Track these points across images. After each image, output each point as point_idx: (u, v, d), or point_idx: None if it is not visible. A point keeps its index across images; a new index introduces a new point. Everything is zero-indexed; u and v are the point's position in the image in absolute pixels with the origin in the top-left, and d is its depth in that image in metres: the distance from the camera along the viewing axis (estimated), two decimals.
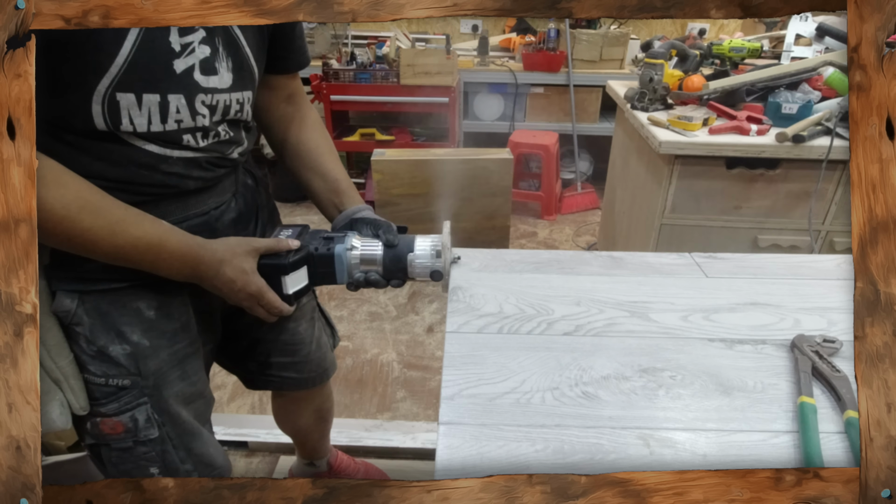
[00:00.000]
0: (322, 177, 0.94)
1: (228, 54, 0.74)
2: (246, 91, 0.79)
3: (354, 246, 0.81)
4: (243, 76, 0.78)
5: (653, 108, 1.78)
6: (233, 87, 0.76)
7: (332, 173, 0.94)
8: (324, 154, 0.95)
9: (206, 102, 0.73)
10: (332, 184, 0.93)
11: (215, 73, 0.73)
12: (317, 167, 0.95)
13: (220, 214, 0.84)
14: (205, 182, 0.80)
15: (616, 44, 3.07)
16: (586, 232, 3.10)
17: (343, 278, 0.81)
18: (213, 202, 0.83)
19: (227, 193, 0.86)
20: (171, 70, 0.67)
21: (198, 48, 0.69)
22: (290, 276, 0.78)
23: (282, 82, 0.93)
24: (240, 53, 0.76)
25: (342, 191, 0.93)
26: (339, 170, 0.95)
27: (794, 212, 1.65)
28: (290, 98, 0.96)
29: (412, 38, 3.19)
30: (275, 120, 0.96)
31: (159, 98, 0.67)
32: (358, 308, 2.34)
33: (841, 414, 0.60)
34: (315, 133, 0.97)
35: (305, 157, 0.95)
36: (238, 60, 0.76)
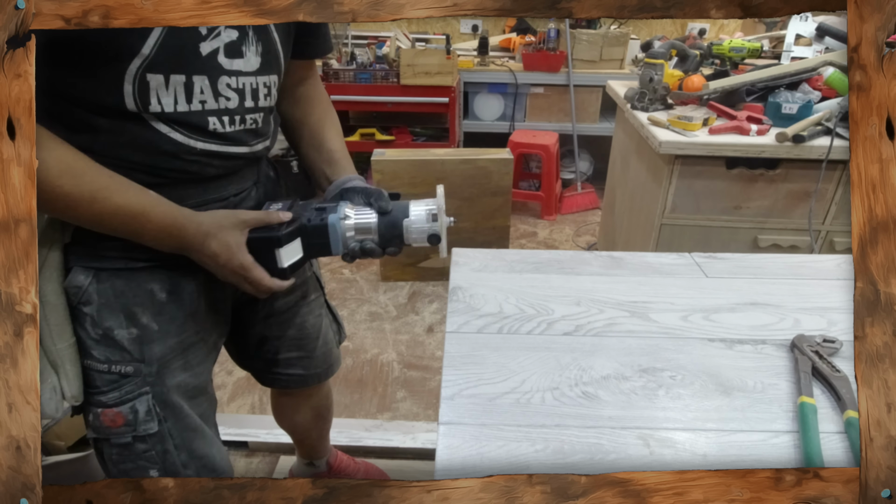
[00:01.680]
0: (317, 148, 0.94)
1: (259, 39, 0.75)
2: (272, 75, 0.80)
3: (348, 215, 0.79)
4: (270, 60, 0.78)
5: (653, 108, 1.78)
6: (259, 70, 0.77)
7: (327, 144, 0.93)
8: (323, 127, 0.95)
9: (232, 85, 0.74)
10: (326, 154, 0.93)
11: (241, 56, 0.73)
12: (313, 139, 0.94)
13: (240, 201, 0.84)
14: (225, 169, 0.80)
15: (616, 44, 3.07)
16: (586, 232, 3.10)
17: (338, 249, 0.79)
18: (234, 189, 0.83)
19: (249, 181, 0.86)
20: (196, 52, 0.69)
21: (224, 32, 0.70)
22: (284, 248, 0.76)
23: (300, 66, 0.93)
24: (269, 38, 0.77)
25: (335, 161, 0.92)
26: (336, 142, 0.95)
27: (794, 212, 1.65)
28: (304, 80, 0.96)
29: (412, 38, 3.19)
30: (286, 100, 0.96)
31: (185, 79, 0.69)
32: (358, 308, 2.34)
33: (841, 414, 0.60)
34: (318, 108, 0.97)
35: (304, 131, 0.95)
36: (267, 45, 0.77)
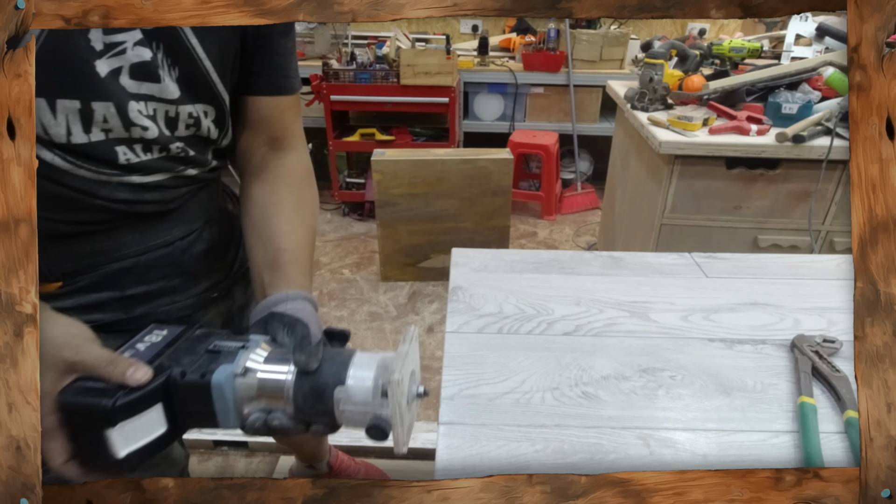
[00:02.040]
0: (264, 242, 0.69)
1: (175, 63, 0.62)
2: (200, 104, 0.67)
3: (250, 369, 0.51)
4: (195, 89, 0.65)
5: (653, 108, 1.78)
6: (181, 99, 0.64)
7: (276, 239, 0.68)
8: (282, 213, 0.71)
9: (143, 112, 0.61)
10: (271, 253, 0.67)
11: (157, 81, 0.61)
12: (262, 228, 0.70)
13: (188, 245, 0.74)
14: (163, 205, 0.68)
15: (616, 44, 3.07)
16: (586, 232, 3.10)
17: (228, 421, 0.51)
18: (179, 231, 0.72)
19: (198, 220, 0.75)
20: (92, 72, 0.56)
21: (131, 50, 0.58)
22: (118, 428, 0.47)
23: (262, 115, 0.74)
24: (191, 63, 0.63)
25: (279, 266, 0.66)
26: (290, 236, 0.69)
27: (794, 212, 1.65)
28: (273, 141, 0.75)
29: (412, 38, 3.18)
30: (248, 169, 0.75)
31: (80, 105, 0.57)
32: (358, 308, 2.34)
33: (841, 414, 0.60)
34: (282, 186, 0.73)
35: (256, 216, 0.71)
36: (188, 71, 0.63)
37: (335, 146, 3.06)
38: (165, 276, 0.74)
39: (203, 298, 0.80)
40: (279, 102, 0.74)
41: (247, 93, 0.73)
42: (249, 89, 0.73)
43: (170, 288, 0.75)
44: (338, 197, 3.18)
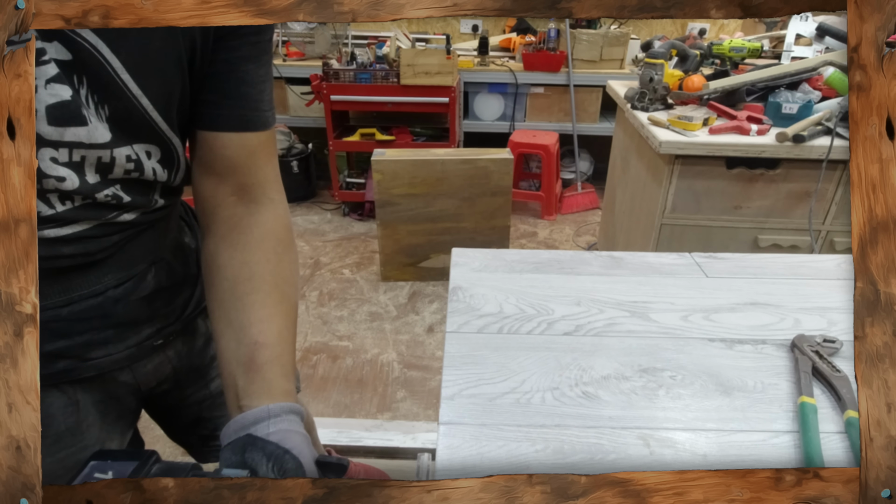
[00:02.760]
0: (236, 331, 0.57)
1: (102, 99, 0.52)
2: (140, 144, 0.57)
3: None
4: (128, 129, 0.56)
5: (653, 108, 1.78)
6: (114, 141, 0.54)
7: (252, 329, 0.57)
8: (255, 291, 0.59)
9: (60, 160, 0.52)
10: (246, 348, 0.56)
11: (82, 124, 0.52)
12: (233, 311, 0.58)
13: (125, 294, 0.63)
14: (87, 257, 0.58)
15: (616, 44, 3.07)
16: (586, 232, 3.10)
17: None
18: (113, 278, 0.62)
19: (140, 264, 0.64)
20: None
21: (44, 88, 0.49)
22: None
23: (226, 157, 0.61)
24: (124, 101, 0.54)
25: (256, 367, 0.55)
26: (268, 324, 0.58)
27: (795, 212, 1.65)
28: (242, 191, 0.62)
29: (412, 38, 3.18)
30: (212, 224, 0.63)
31: None
32: (358, 308, 2.34)
33: (841, 414, 0.60)
34: (257, 252, 0.61)
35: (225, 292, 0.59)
36: (121, 109, 0.54)
37: (335, 146, 3.07)
38: (93, 328, 0.63)
39: (144, 347, 0.69)
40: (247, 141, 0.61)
41: (205, 127, 0.61)
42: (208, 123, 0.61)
43: (99, 340, 0.64)
44: (338, 197, 3.18)
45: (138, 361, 0.71)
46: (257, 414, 0.52)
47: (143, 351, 0.69)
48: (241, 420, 0.52)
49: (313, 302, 2.32)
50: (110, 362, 0.66)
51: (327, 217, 3.20)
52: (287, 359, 0.58)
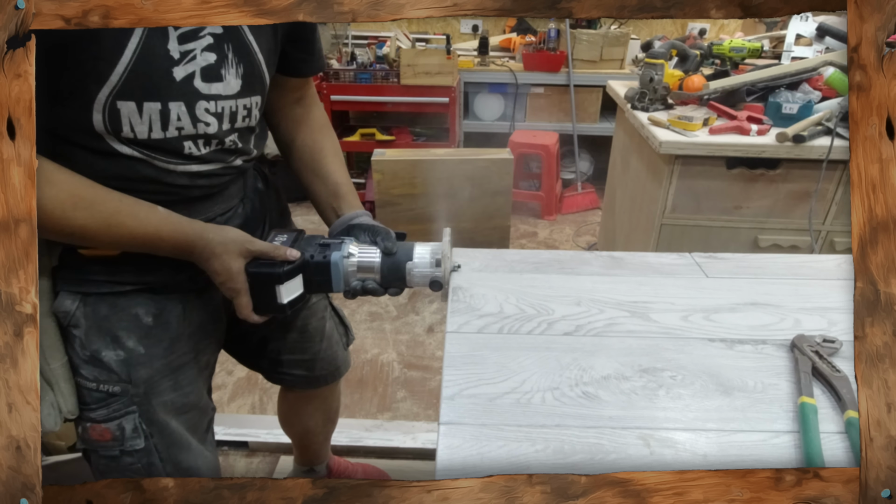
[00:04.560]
0: (323, 180, 0.92)
1: (239, 61, 0.73)
2: (254, 96, 0.79)
3: (351, 253, 0.79)
4: (252, 82, 0.77)
5: (653, 108, 1.78)
6: (240, 93, 0.75)
7: (332, 176, 0.92)
8: (327, 157, 0.93)
9: (211, 110, 0.72)
10: (332, 187, 0.91)
11: (220, 80, 0.72)
12: (318, 169, 0.93)
13: (227, 221, 0.83)
14: (209, 189, 0.80)
15: (616, 44, 3.07)
16: (586, 232, 3.10)
17: (339, 286, 0.79)
18: (220, 208, 0.83)
19: (235, 199, 0.86)
20: (170, 78, 0.67)
21: (200, 56, 0.68)
22: (284, 285, 0.76)
23: (294, 84, 0.92)
24: (251, 59, 0.75)
25: (342, 195, 0.91)
26: (341, 173, 0.93)
27: (795, 212, 1.65)
28: (300, 100, 0.95)
29: (412, 38, 3.19)
30: (282, 121, 0.95)
31: (160, 106, 0.67)
32: (358, 308, 2.34)
33: (841, 414, 0.60)
34: (321, 135, 0.95)
35: (309, 160, 0.93)
36: (249, 66, 0.75)
37: None
38: None
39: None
40: (308, 79, 0.94)
41: (294, 75, 0.90)
42: (298, 72, 0.90)
43: None
44: None
45: None
46: (350, 215, 0.89)
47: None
48: (341, 219, 0.89)
49: None
50: None
51: None
52: (355, 191, 0.93)
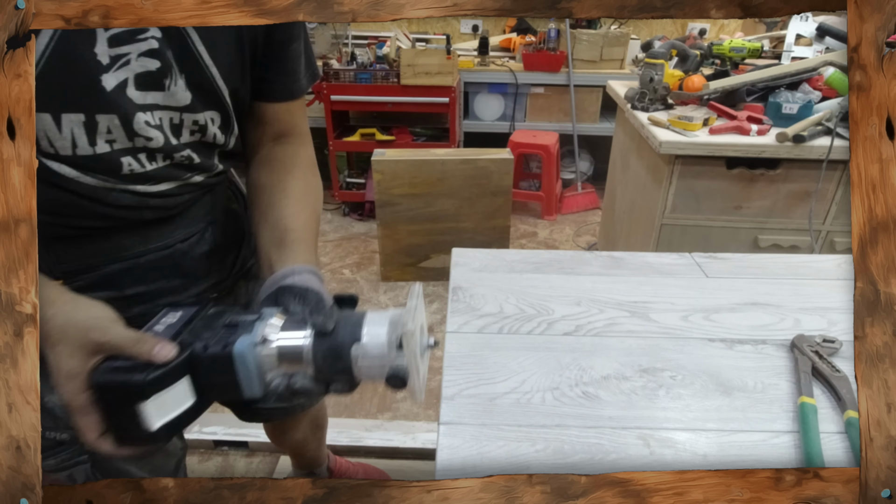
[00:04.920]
0: (271, 224, 0.70)
1: (183, 70, 0.62)
2: (208, 111, 0.67)
3: (267, 338, 0.53)
4: (204, 96, 0.66)
5: (653, 108, 1.78)
6: (190, 106, 0.64)
7: (283, 220, 0.69)
8: (287, 198, 0.72)
9: (151, 122, 0.62)
10: (278, 233, 0.69)
11: (160, 89, 0.61)
12: (269, 212, 0.71)
13: (189, 248, 0.74)
14: (164, 211, 0.70)
15: (616, 44, 3.07)
16: (586, 232, 3.10)
17: (252, 389, 0.53)
18: (181, 234, 0.73)
19: (201, 223, 0.76)
20: (97, 87, 0.57)
21: (136, 61, 0.58)
22: (152, 401, 0.50)
23: (271, 114, 0.76)
24: (199, 71, 0.64)
25: (286, 244, 0.68)
26: (295, 217, 0.70)
27: (795, 212, 1.65)
28: (280, 137, 0.77)
29: (412, 38, 3.18)
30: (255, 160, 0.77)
31: (84, 118, 0.58)
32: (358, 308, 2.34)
33: (841, 414, 0.60)
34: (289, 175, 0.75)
35: (264, 203, 0.73)
36: (197, 78, 0.64)
37: (335, 146, 3.06)
38: (165, 276, 0.75)
39: (202, 299, 0.80)
40: (288, 105, 0.76)
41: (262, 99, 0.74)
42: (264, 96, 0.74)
43: (169, 288, 0.76)
44: (338, 197, 3.18)
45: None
46: (284, 272, 0.63)
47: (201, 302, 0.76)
48: (272, 278, 0.63)
49: None
50: None
51: (327, 217, 3.20)
52: (310, 241, 0.70)
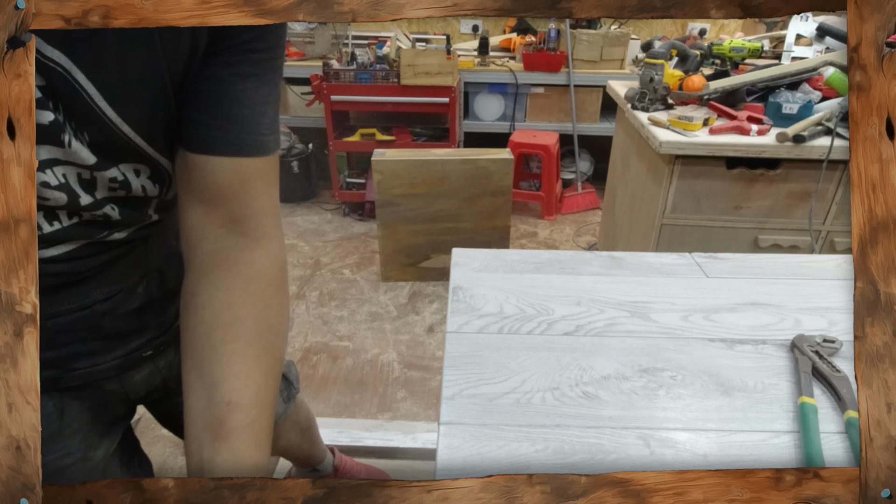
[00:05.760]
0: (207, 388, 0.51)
1: (81, 126, 0.50)
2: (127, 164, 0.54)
3: None
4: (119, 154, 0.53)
5: (653, 108, 1.78)
6: (98, 164, 0.52)
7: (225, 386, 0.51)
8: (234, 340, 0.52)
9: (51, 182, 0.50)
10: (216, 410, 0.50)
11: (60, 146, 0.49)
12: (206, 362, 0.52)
13: (114, 307, 0.61)
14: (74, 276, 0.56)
15: (616, 44, 3.07)
16: (587, 232, 3.10)
17: None
18: (101, 293, 0.60)
19: (131, 277, 0.62)
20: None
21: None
22: None
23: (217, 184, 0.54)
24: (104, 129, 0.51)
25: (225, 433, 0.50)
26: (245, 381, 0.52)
27: (795, 212, 1.65)
28: (233, 222, 0.56)
29: (412, 39, 3.18)
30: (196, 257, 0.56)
31: None
32: (358, 308, 2.34)
33: (841, 414, 0.60)
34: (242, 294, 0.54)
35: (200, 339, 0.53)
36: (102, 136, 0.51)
37: (335, 146, 3.07)
38: (80, 339, 0.62)
39: (132, 359, 0.68)
40: (241, 167, 0.55)
41: (195, 150, 0.54)
42: (198, 146, 0.54)
43: (85, 351, 0.63)
44: (338, 197, 3.18)
45: (126, 372, 0.69)
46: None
47: (131, 361, 0.68)
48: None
49: (313, 302, 2.32)
50: (96, 372, 0.65)
51: (327, 217, 3.20)
52: (263, 424, 0.52)
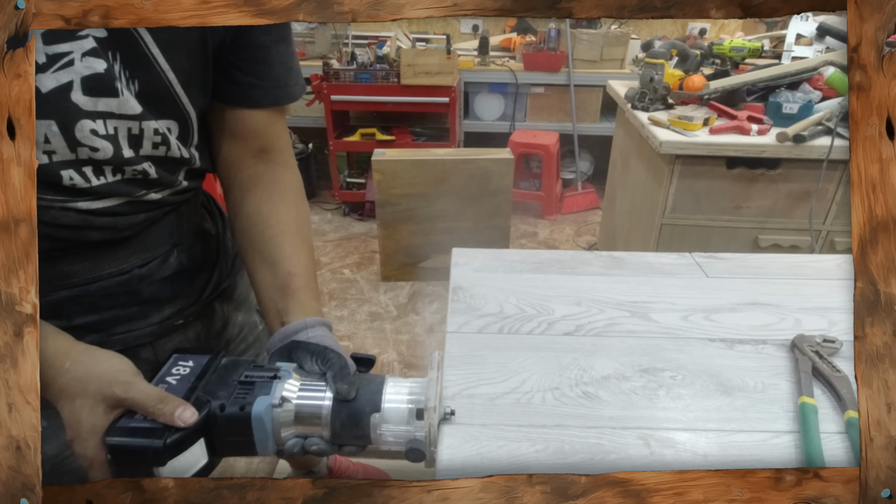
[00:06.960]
0: (271, 265, 0.67)
1: (133, 75, 0.56)
2: (164, 120, 0.61)
3: (286, 398, 0.53)
4: (160, 104, 0.60)
5: (653, 107, 1.78)
6: (144, 114, 0.58)
7: (284, 262, 0.66)
8: (284, 234, 0.68)
9: (100, 131, 0.56)
10: (282, 278, 0.66)
11: (113, 95, 0.55)
12: (267, 249, 0.67)
13: (148, 273, 0.67)
14: (116, 232, 0.63)
15: (616, 44, 3.07)
16: (587, 232, 3.10)
17: (266, 448, 0.53)
18: (139, 258, 0.66)
19: (164, 245, 0.69)
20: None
21: (80, 61, 0.53)
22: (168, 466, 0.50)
23: (252, 125, 0.69)
24: (153, 76, 0.58)
25: (291, 291, 0.65)
26: (297, 259, 0.67)
27: (795, 212, 1.65)
28: (262, 153, 0.71)
29: (412, 38, 3.18)
30: (236, 181, 0.71)
31: None
32: (358, 308, 2.34)
33: (841, 414, 0.60)
34: (282, 203, 0.70)
35: (256, 235, 0.68)
36: (150, 84, 0.58)
37: (335, 146, 3.06)
38: (120, 304, 0.68)
39: (165, 326, 0.74)
40: (272, 114, 0.70)
41: (240, 105, 0.68)
42: (244, 101, 0.68)
43: (124, 317, 0.69)
44: (338, 197, 3.18)
45: (159, 339, 0.74)
46: (297, 325, 0.62)
47: (164, 329, 0.73)
48: (283, 331, 0.62)
49: None
50: (134, 338, 0.70)
51: (327, 217, 3.20)
52: (314, 285, 0.68)
